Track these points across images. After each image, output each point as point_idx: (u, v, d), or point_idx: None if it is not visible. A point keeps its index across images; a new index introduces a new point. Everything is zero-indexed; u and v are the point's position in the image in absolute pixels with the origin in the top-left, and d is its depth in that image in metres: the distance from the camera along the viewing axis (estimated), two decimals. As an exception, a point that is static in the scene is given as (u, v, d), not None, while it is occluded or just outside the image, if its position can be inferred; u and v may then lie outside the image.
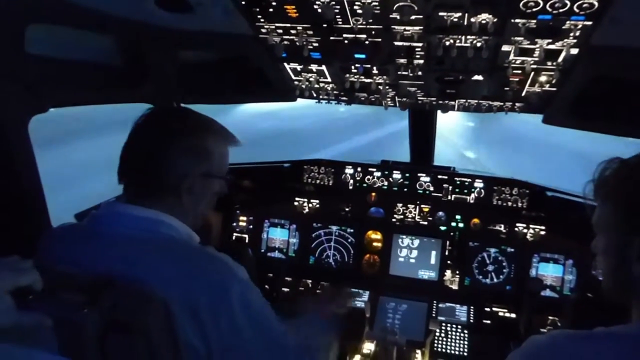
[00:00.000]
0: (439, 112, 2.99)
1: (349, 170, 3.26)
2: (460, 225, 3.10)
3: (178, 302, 1.38)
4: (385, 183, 3.21)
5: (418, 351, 2.58)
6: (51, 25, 1.82)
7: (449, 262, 3.03)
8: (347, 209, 3.26)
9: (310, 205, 3.31)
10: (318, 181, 3.30)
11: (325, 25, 1.86)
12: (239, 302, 1.46)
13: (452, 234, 3.07)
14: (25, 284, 1.21)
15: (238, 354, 1.47)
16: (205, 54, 2.48)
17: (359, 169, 3.25)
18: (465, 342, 2.75)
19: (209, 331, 1.42)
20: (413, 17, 1.71)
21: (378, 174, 3.22)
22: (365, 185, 3.24)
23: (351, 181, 3.24)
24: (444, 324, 2.83)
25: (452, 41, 1.87)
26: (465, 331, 2.80)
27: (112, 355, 1.23)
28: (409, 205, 3.18)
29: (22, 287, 1.20)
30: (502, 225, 3.05)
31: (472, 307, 2.92)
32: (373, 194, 3.21)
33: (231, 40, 2.08)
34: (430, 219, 3.14)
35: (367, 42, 1.95)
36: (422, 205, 3.16)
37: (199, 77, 2.45)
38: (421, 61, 2.02)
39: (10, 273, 1.20)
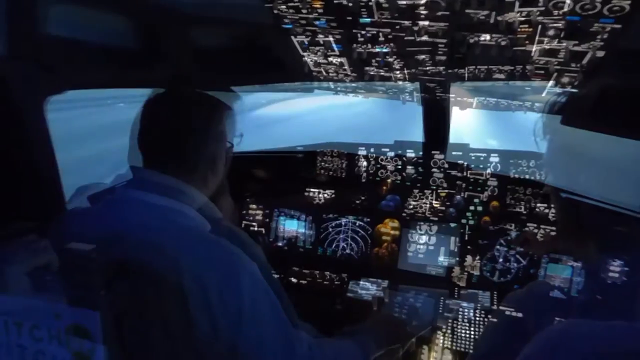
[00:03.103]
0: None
1: (362, 152, 3.27)
2: (479, 208, 3.08)
3: (190, 290, 1.39)
4: (399, 162, 3.22)
5: (439, 333, 2.61)
6: (67, 5, 1.83)
7: (468, 247, 3.03)
8: (361, 198, 3.27)
9: (322, 196, 3.33)
10: (332, 165, 3.31)
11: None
12: (249, 292, 1.47)
13: (470, 218, 3.07)
14: (41, 264, 1.22)
15: (243, 347, 1.48)
16: (218, 36, 2.49)
17: (372, 149, 3.25)
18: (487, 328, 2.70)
19: (216, 316, 1.43)
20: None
21: (392, 153, 3.23)
22: (379, 165, 3.25)
23: (365, 162, 3.26)
24: (466, 310, 2.78)
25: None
26: (489, 316, 2.73)
27: (128, 338, 1.25)
28: (425, 191, 3.18)
29: (38, 268, 1.22)
30: (522, 207, 3.02)
31: (495, 293, 2.88)
32: (388, 181, 3.22)
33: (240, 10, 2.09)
34: (447, 204, 3.13)
35: None
36: (439, 190, 3.16)
37: (212, 59, 2.46)
38: (426, 22, 1.94)
39: (27, 253, 1.22)
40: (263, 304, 1.52)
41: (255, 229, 3.32)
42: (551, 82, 2.10)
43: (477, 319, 2.74)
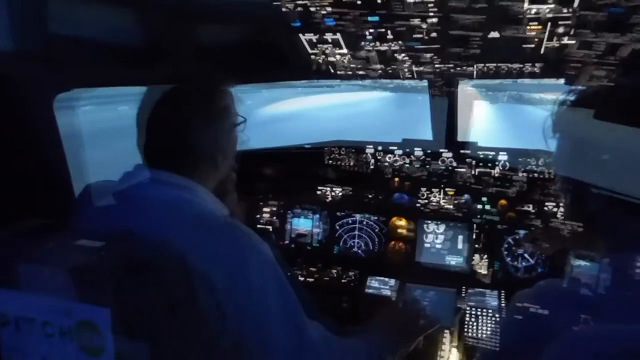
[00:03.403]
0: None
1: (369, 150, 3.22)
2: (487, 207, 3.00)
3: (195, 268, 1.35)
4: (407, 161, 3.16)
5: (447, 332, 2.54)
6: (73, 2, 1.86)
7: (477, 246, 2.95)
8: (370, 196, 3.23)
9: (333, 193, 3.29)
10: (339, 162, 3.28)
11: None
12: (257, 278, 1.45)
13: (479, 217, 2.99)
14: (52, 261, 1.23)
15: (251, 333, 1.46)
16: (222, 33, 2.50)
17: (379, 148, 3.21)
18: (496, 327, 2.65)
19: (223, 304, 1.41)
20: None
21: (399, 152, 3.17)
22: (386, 164, 3.19)
23: (372, 161, 3.21)
24: (474, 309, 2.74)
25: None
26: (497, 315, 2.69)
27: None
28: (433, 190, 3.12)
29: (49, 265, 1.22)
30: (531, 205, 2.93)
31: (503, 292, 2.82)
32: (396, 179, 3.17)
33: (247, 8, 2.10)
34: (455, 202, 3.07)
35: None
36: (447, 189, 3.09)
37: (216, 57, 2.47)
38: (435, 20, 1.95)
39: (38, 251, 1.26)
40: (272, 291, 1.49)
41: (270, 228, 3.30)
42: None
43: (497, 316, 2.69)
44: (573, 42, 1.86)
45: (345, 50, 2.37)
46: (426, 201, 3.12)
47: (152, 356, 1.30)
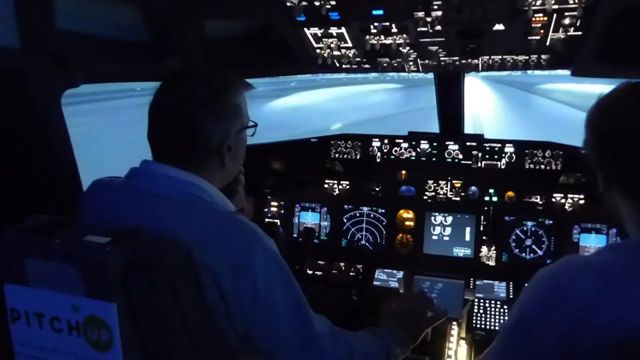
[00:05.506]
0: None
1: (375, 143, 3.20)
2: (494, 199, 3.00)
3: (201, 264, 1.36)
4: (413, 154, 3.14)
5: (454, 323, 2.52)
6: None
7: (484, 237, 2.94)
8: (377, 189, 3.22)
9: (340, 187, 3.28)
10: (345, 156, 3.26)
11: None
12: (263, 272, 1.43)
13: (486, 208, 2.97)
14: (60, 257, 1.24)
15: (258, 327, 1.45)
16: (229, 28, 2.48)
17: (385, 141, 3.19)
18: (505, 318, 2.65)
19: (229, 299, 1.40)
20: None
21: (405, 145, 3.15)
22: (392, 157, 3.17)
23: (378, 154, 3.19)
24: (482, 300, 2.75)
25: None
26: (505, 307, 2.70)
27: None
28: (440, 182, 3.11)
29: (58, 260, 1.24)
30: (538, 197, 2.94)
31: (511, 283, 2.82)
32: (403, 172, 3.15)
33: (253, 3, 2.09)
34: (462, 194, 3.06)
35: None
36: (454, 181, 3.08)
37: (223, 52, 2.46)
38: (439, 12, 1.95)
39: (46, 246, 1.27)
40: (277, 287, 1.48)
41: (278, 222, 3.28)
42: None
43: (505, 307, 2.70)
44: (580, 33, 1.82)
45: (350, 44, 2.36)
46: (433, 193, 3.11)
47: (160, 352, 1.31)
